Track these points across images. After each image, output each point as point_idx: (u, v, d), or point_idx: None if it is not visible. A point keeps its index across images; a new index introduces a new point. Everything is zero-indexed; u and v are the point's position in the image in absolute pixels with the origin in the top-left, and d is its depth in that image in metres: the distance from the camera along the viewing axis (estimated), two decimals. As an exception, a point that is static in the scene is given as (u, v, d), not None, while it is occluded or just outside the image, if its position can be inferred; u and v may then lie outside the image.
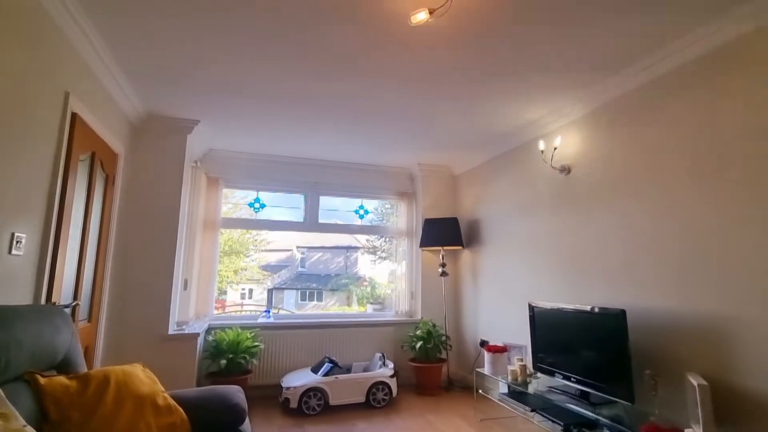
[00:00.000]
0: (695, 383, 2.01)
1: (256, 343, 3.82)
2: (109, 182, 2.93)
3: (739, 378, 2.01)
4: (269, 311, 4.67)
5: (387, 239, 5.84)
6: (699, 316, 2.20)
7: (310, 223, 4.73)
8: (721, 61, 2.18)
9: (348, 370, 3.88)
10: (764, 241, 1.95)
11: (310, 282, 9.01)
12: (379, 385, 3.70)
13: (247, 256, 7.25)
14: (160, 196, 3.43)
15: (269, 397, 3.84)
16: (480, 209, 4.46)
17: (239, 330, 3.81)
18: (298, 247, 9.43)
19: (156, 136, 3.48)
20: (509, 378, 3.13)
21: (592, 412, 2.40)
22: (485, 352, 3.41)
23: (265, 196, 4.64)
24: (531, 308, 3.18)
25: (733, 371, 2.03)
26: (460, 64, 2.58)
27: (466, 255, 4.69)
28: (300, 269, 9.29)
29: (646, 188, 2.56)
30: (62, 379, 1.45)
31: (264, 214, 4.64)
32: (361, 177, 4.86)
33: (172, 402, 1.64)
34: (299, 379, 3.62)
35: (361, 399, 3.65)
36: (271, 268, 8.84)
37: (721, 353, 2.09)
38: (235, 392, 1.86)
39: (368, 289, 6.72)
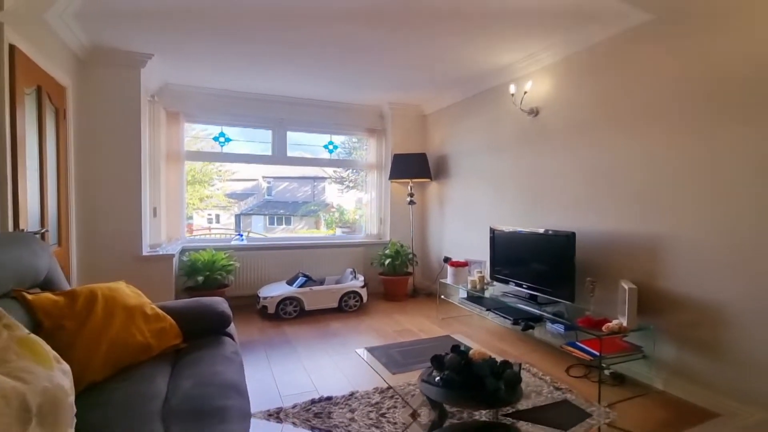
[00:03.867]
0: (626, 287, 2.36)
1: (232, 262, 3.97)
2: (60, 115, 2.85)
3: (662, 283, 2.39)
4: (242, 235, 4.79)
5: (355, 171, 5.91)
6: (639, 235, 2.52)
7: (279, 156, 4.74)
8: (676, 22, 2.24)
9: (321, 284, 4.15)
10: (699, 174, 2.23)
11: (278, 209, 9.20)
12: (351, 293, 4.03)
13: (212, 186, 7.28)
14: (118, 129, 3.35)
15: (247, 305, 4.13)
16: (448, 146, 4.60)
17: (213, 251, 3.92)
18: (264, 177, 9.56)
19: (106, 70, 3.30)
20: (469, 286, 3.46)
21: (538, 309, 2.77)
22: (448, 267, 3.71)
23: (230, 130, 4.55)
24: (492, 231, 3.48)
25: (658, 278, 2.41)
26: (440, 5, 2.44)
27: (433, 186, 4.89)
28: (267, 197, 9.48)
29: (606, 130, 2.74)
30: (49, 295, 1.52)
31: (230, 148, 4.59)
32: (330, 114, 4.80)
33: (160, 311, 1.76)
34: (275, 290, 3.89)
35: (334, 305, 3.99)
36: (237, 196, 8.98)
37: (650, 264, 2.45)
38: (219, 302, 2.00)
39: (336, 214, 6.95)
